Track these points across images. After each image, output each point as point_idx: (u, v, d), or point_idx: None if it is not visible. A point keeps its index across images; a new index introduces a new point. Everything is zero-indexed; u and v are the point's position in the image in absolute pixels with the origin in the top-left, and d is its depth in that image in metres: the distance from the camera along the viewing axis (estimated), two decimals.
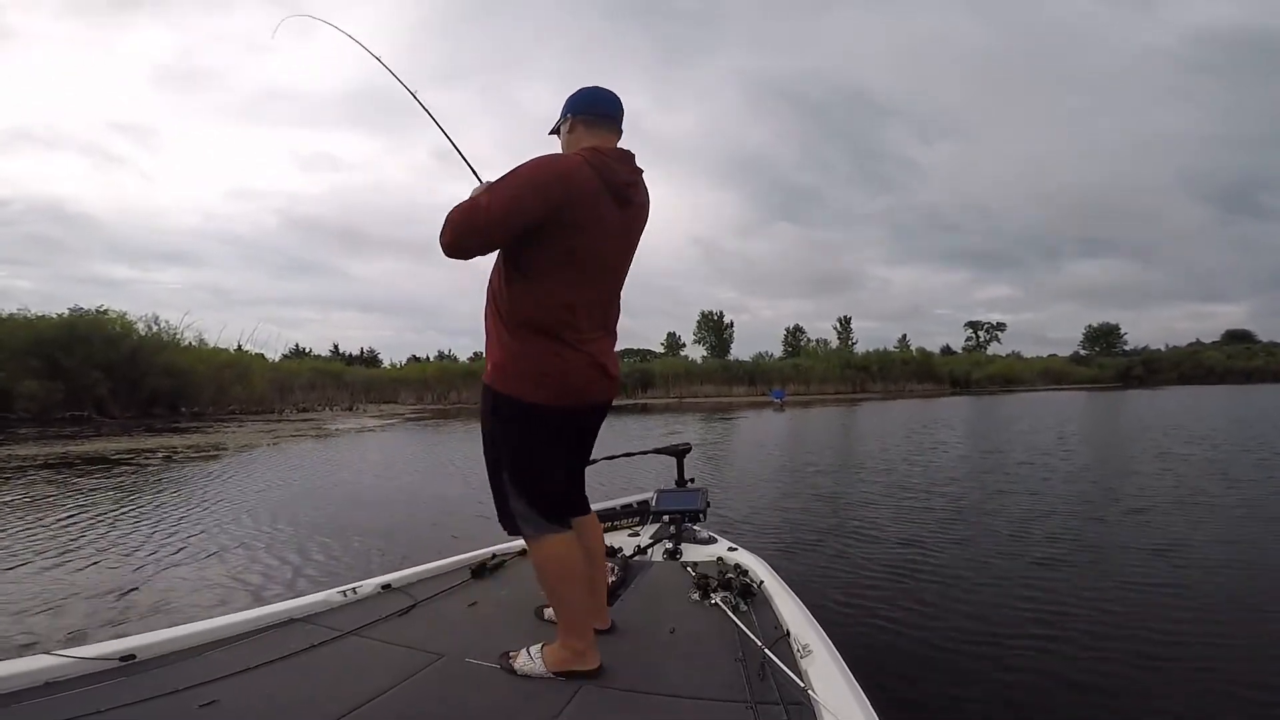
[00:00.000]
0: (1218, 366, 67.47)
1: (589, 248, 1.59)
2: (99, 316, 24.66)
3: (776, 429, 17.41)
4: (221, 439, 14.15)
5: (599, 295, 1.67)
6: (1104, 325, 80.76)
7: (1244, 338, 78.20)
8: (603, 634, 1.76)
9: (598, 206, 1.58)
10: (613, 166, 1.61)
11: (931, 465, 8.88)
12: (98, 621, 3.27)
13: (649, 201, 1.76)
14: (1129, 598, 3.52)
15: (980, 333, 79.37)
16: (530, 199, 1.51)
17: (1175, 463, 8.49)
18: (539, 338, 1.58)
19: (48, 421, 19.05)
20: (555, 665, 1.59)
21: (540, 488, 1.65)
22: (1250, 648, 2.83)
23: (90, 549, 4.73)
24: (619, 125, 1.74)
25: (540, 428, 1.63)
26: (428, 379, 42.06)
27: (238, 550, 4.72)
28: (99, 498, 6.84)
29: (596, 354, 1.65)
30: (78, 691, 1.40)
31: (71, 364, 21.40)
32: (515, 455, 1.65)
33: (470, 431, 16.62)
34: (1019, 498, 6.37)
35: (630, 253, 1.75)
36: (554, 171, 1.54)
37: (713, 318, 68.74)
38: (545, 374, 1.59)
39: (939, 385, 53.85)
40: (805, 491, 7.09)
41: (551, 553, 1.62)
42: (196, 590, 3.81)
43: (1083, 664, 2.72)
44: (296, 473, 9.23)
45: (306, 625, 1.87)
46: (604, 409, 1.81)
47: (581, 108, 1.71)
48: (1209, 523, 5.22)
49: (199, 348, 28.76)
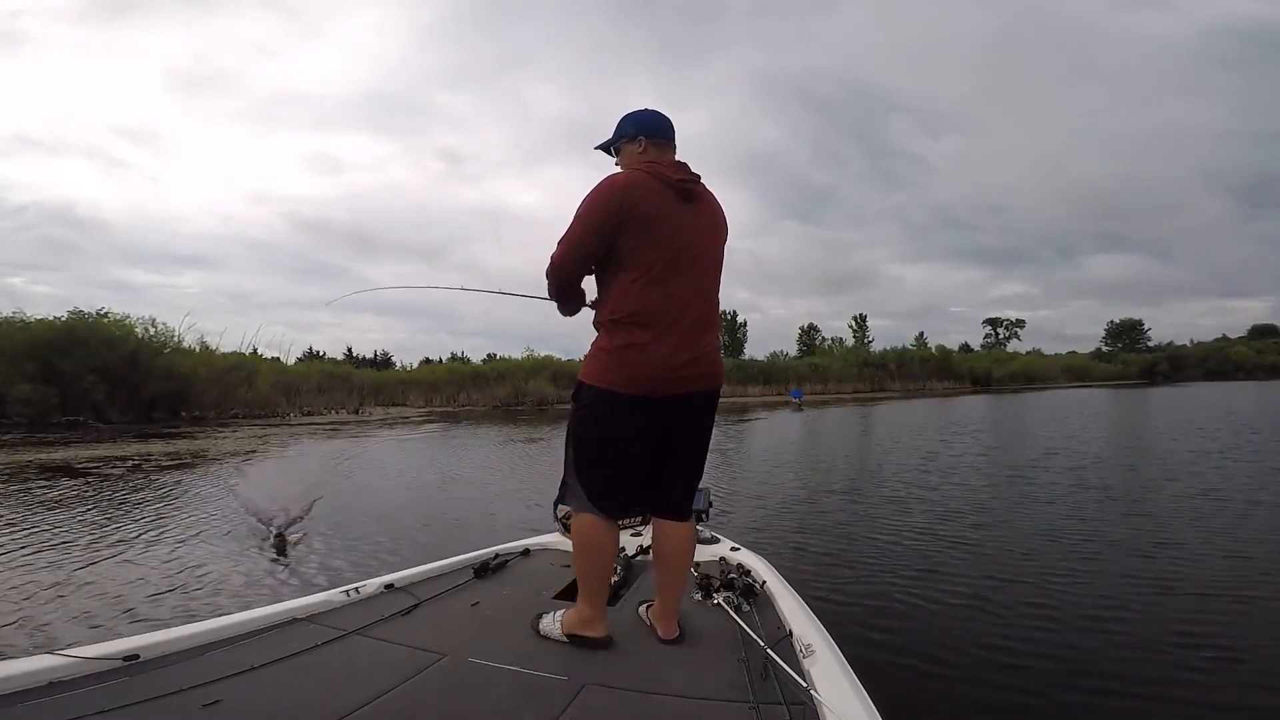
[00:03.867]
0: (1245, 362, 66.09)
1: (661, 241, 1.71)
2: (98, 319, 24.16)
3: (791, 429, 16.99)
4: (206, 445, 13.35)
5: (682, 290, 1.73)
6: (1126, 321, 79.34)
7: (1269, 332, 76.97)
8: (600, 636, 1.79)
9: (663, 203, 1.73)
10: (669, 171, 1.78)
11: (943, 467, 8.79)
12: None
13: (720, 207, 1.89)
14: (1132, 599, 3.49)
15: (1000, 330, 77.75)
16: (590, 227, 1.73)
17: (1214, 461, 8.34)
18: (619, 330, 1.71)
19: (42, 427, 18.42)
20: (567, 628, 1.77)
21: (597, 470, 1.76)
22: (1263, 656, 2.75)
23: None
24: (674, 143, 1.91)
25: (610, 414, 1.72)
26: (438, 381, 41.50)
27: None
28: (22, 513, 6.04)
29: (678, 346, 1.70)
30: (81, 691, 1.38)
31: (68, 368, 20.80)
32: (579, 438, 1.78)
33: (462, 436, 15.98)
34: (1032, 502, 6.27)
35: (711, 249, 1.83)
36: (612, 186, 1.73)
37: (726, 317, 67.52)
38: (621, 363, 1.69)
39: (959, 383, 52.58)
40: (809, 492, 7.07)
41: (578, 527, 1.79)
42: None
43: (1086, 665, 2.71)
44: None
45: (310, 625, 1.86)
46: (692, 402, 1.78)
47: (652, 130, 1.88)
48: (1222, 519, 5.16)
49: (201, 351, 28.25)
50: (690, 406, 1.77)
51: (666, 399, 1.71)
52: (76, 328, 22.67)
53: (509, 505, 6.69)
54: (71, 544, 4.95)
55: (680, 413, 1.75)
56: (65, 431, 17.56)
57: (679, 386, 1.71)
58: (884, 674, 2.51)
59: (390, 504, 6.72)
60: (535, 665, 1.61)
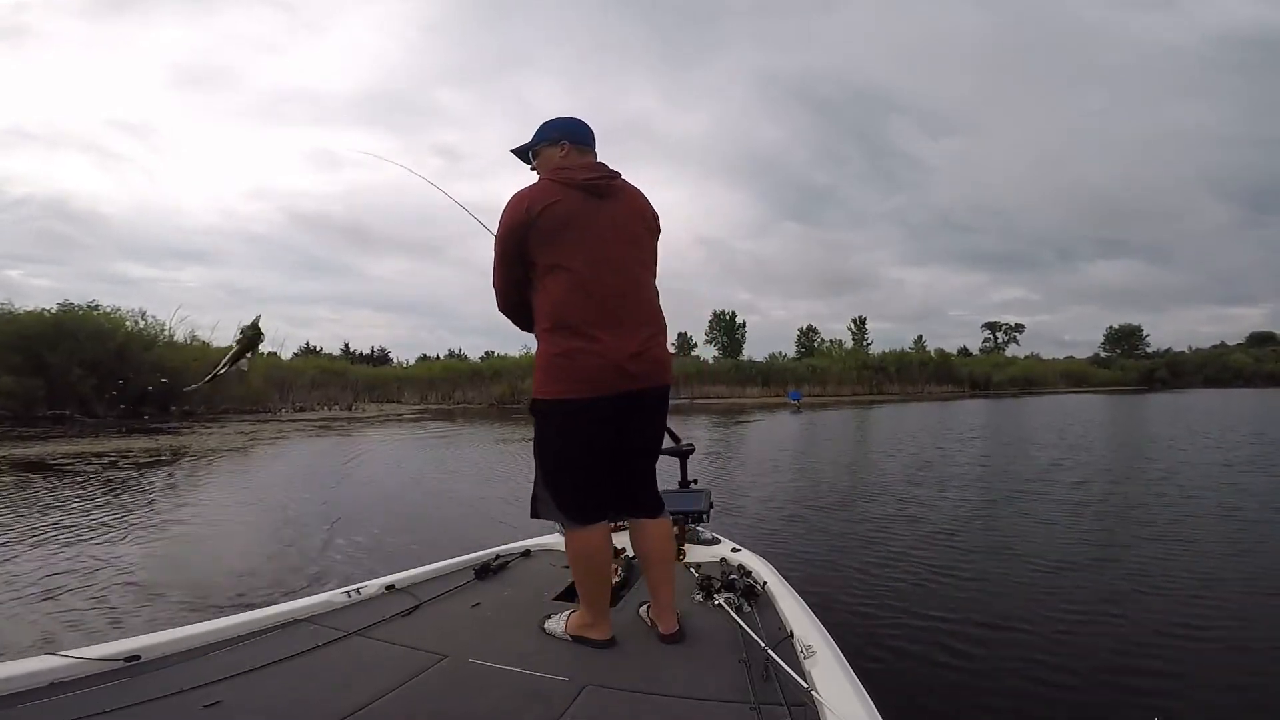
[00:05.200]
0: (1244, 369, 66.00)
1: (579, 243, 1.71)
2: (88, 312, 23.80)
3: (791, 431, 16.83)
4: (189, 442, 13.06)
5: (611, 287, 1.72)
6: (1126, 327, 79.20)
7: (1268, 340, 76.89)
8: (603, 639, 1.80)
9: (571, 205, 1.72)
10: (577, 173, 1.78)
11: (943, 469, 8.72)
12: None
13: (642, 197, 1.89)
14: (1132, 600, 3.50)
15: (999, 334, 77.54)
16: (505, 247, 1.77)
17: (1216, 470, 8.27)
18: (556, 337, 1.71)
19: (27, 420, 18.09)
20: (571, 629, 1.79)
21: (564, 481, 1.76)
22: (1265, 659, 2.76)
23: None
24: (595, 151, 1.92)
25: (564, 422, 1.72)
26: (434, 378, 41.17)
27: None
28: None
29: (617, 344, 1.70)
30: (82, 692, 1.37)
31: (55, 361, 20.43)
32: (542, 452, 1.79)
33: (452, 435, 15.73)
34: (1032, 505, 6.23)
35: (635, 241, 1.82)
36: (515, 202, 1.74)
37: (725, 317, 67.08)
38: (564, 369, 1.70)
39: (958, 387, 52.39)
40: (811, 493, 7.01)
41: (567, 541, 1.80)
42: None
43: (1086, 665, 2.70)
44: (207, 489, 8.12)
45: (310, 626, 1.84)
46: (638, 399, 1.75)
47: (575, 135, 1.88)
48: (1224, 528, 5.12)
49: (192, 345, 27.89)
50: (642, 404, 1.75)
51: (616, 398, 1.71)
52: (65, 320, 22.31)
53: (503, 507, 6.41)
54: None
55: (633, 411, 1.75)
56: (49, 426, 17.26)
57: (626, 384, 1.71)
58: (885, 675, 2.51)
59: (381, 505, 6.60)
60: (536, 666, 1.60)
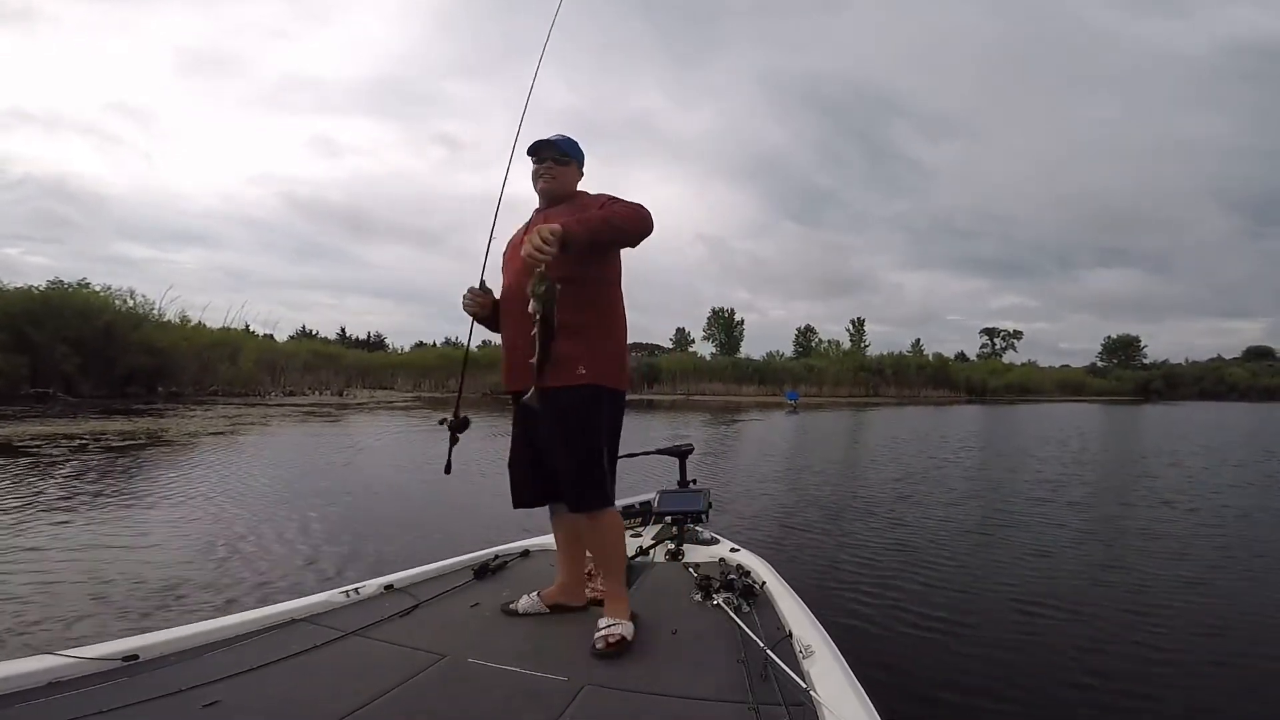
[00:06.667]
0: (1240, 383, 66.09)
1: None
2: (76, 290, 23.44)
3: (788, 431, 16.58)
4: (169, 425, 12.71)
5: (506, 285, 1.95)
6: (1124, 337, 79.31)
7: (1264, 354, 77.04)
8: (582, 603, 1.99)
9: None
10: None
11: (941, 472, 8.74)
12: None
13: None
14: (1136, 601, 3.50)
15: (996, 340, 77.33)
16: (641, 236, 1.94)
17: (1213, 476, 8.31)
18: (621, 335, 1.94)
19: (9, 399, 17.78)
20: (548, 600, 1.97)
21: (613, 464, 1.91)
22: (1260, 657, 2.80)
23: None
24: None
25: (619, 411, 1.92)
26: (429, 365, 40.82)
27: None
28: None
29: (507, 343, 1.90)
30: (81, 691, 1.37)
31: (41, 338, 20.13)
32: (611, 438, 1.90)
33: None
34: (1031, 508, 6.23)
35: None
36: None
37: (723, 314, 66.78)
38: (626, 365, 1.96)
39: (954, 392, 52.37)
40: (810, 494, 7.01)
41: (615, 520, 1.96)
42: None
43: (1085, 666, 2.72)
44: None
45: (309, 625, 1.84)
46: (525, 399, 1.76)
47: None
48: (1223, 534, 5.13)
49: (182, 325, 27.53)
50: (530, 404, 1.74)
51: (513, 394, 1.88)
52: (52, 297, 22.00)
53: (503, 507, 6.13)
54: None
55: (526, 409, 1.81)
56: (29, 405, 16.94)
57: (509, 383, 1.88)
58: (884, 675, 2.51)
59: (375, 503, 6.29)
60: (535, 666, 1.60)
